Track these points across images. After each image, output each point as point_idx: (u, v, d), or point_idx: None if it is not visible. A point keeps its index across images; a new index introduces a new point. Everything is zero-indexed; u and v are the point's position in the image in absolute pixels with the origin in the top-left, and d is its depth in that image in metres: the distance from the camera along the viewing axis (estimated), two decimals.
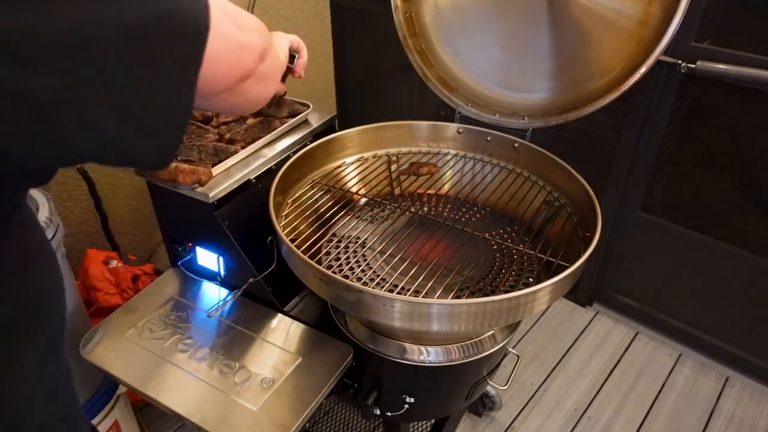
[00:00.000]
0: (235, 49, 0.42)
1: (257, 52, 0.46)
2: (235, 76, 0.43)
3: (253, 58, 0.46)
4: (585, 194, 0.96)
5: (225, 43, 0.40)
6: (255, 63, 0.46)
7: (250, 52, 0.45)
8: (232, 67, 0.42)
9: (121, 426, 1.20)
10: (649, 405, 1.51)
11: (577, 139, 1.57)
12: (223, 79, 0.42)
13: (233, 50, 0.42)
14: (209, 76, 0.39)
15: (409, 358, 0.98)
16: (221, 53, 0.40)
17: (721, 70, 1.24)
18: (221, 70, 0.41)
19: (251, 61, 0.45)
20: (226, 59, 0.41)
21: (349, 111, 2.16)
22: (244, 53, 0.44)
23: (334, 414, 1.46)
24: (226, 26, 0.40)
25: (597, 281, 1.77)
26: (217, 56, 0.39)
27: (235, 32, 0.42)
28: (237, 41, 0.42)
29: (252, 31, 0.45)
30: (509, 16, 1.14)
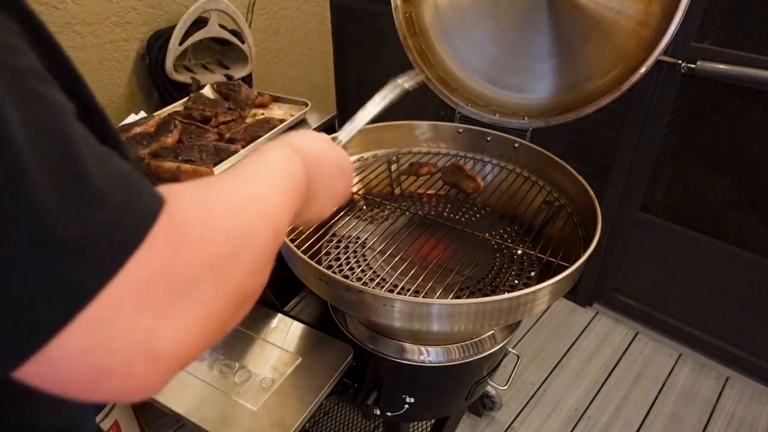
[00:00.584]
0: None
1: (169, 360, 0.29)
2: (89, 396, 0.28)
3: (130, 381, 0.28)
4: (585, 194, 0.96)
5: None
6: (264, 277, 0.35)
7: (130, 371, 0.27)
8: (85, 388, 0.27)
9: (121, 426, 1.20)
10: (649, 405, 1.51)
11: (577, 139, 1.57)
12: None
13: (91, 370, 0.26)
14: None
15: (409, 358, 0.98)
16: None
17: (721, 70, 1.24)
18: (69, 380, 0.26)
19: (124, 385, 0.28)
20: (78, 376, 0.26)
21: (349, 111, 2.16)
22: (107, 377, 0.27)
23: (334, 414, 1.46)
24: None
25: (597, 281, 1.77)
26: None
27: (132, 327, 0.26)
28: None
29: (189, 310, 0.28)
30: (509, 16, 1.14)
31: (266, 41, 1.72)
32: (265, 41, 1.72)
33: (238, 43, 1.43)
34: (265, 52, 1.73)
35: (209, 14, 1.34)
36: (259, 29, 1.67)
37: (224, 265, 0.30)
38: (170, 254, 0.27)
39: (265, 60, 1.75)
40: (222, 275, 0.30)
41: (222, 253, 0.30)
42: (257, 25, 1.65)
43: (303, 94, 1.91)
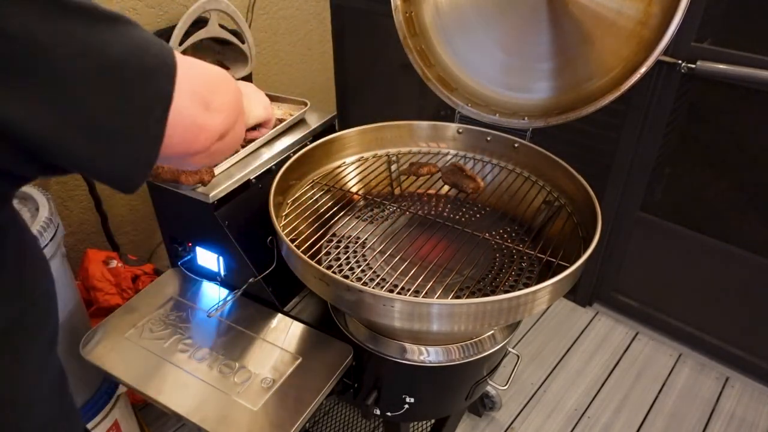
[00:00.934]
0: (193, 129, 0.44)
1: (215, 134, 0.47)
2: (185, 152, 0.45)
3: (209, 140, 0.46)
4: (585, 194, 0.96)
5: (186, 116, 0.42)
6: (209, 143, 0.47)
7: (206, 134, 0.46)
8: (185, 144, 0.44)
9: (121, 426, 1.20)
10: (649, 405, 1.51)
11: (577, 139, 1.57)
12: (172, 152, 0.43)
13: (191, 130, 0.43)
14: (164, 146, 0.41)
15: (409, 358, 0.98)
16: (179, 128, 0.42)
17: (721, 70, 1.24)
18: (173, 144, 0.42)
19: (205, 140, 0.46)
20: (180, 136, 0.42)
21: (349, 111, 2.16)
22: (200, 134, 0.45)
23: (334, 414, 1.46)
24: (187, 106, 0.42)
25: (597, 281, 1.77)
26: (175, 130, 0.41)
27: (197, 113, 0.44)
28: (196, 122, 0.44)
29: (218, 112, 0.46)
30: (509, 16, 1.14)
31: (266, 41, 1.72)
32: (265, 41, 1.72)
33: (238, 43, 1.42)
34: (265, 52, 1.73)
35: (209, 14, 1.34)
36: (259, 29, 1.67)
37: (217, 86, 0.47)
38: (196, 79, 0.45)
39: (265, 60, 1.75)
40: (217, 92, 0.47)
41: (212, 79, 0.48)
42: (257, 25, 1.65)
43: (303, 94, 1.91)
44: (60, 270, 1.02)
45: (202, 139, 0.45)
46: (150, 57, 0.38)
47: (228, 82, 0.49)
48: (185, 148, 0.44)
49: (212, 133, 0.46)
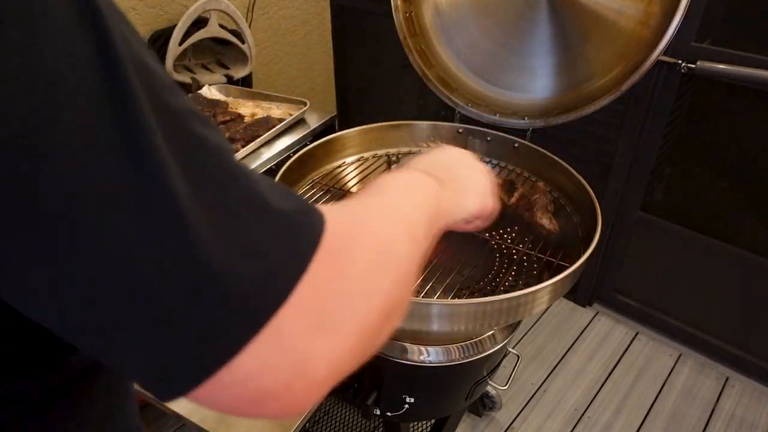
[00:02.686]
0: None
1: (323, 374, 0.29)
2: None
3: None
4: (585, 194, 0.96)
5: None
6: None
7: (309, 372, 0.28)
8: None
9: None
10: (649, 405, 1.51)
11: (577, 139, 1.57)
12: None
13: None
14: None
15: (409, 358, 0.98)
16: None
17: (721, 70, 1.24)
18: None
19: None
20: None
21: (349, 111, 2.16)
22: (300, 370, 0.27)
23: (334, 414, 1.46)
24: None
25: (597, 281, 1.77)
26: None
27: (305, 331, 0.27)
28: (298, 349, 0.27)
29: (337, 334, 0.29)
30: (509, 16, 1.14)
31: (266, 41, 1.72)
32: (265, 41, 1.72)
33: (238, 43, 1.43)
34: (265, 52, 1.73)
35: (209, 14, 1.34)
36: (259, 29, 1.67)
37: (372, 276, 0.30)
38: (329, 275, 0.28)
39: (265, 60, 1.75)
40: (371, 287, 0.30)
41: (369, 265, 0.30)
42: (257, 25, 1.65)
43: (303, 94, 1.91)
44: None
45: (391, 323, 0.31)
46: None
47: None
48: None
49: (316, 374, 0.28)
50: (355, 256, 0.30)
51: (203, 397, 0.25)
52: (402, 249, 0.35)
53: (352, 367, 0.31)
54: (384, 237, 0.34)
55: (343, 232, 0.30)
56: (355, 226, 0.32)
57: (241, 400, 0.26)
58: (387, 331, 0.33)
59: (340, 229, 0.29)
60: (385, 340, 0.34)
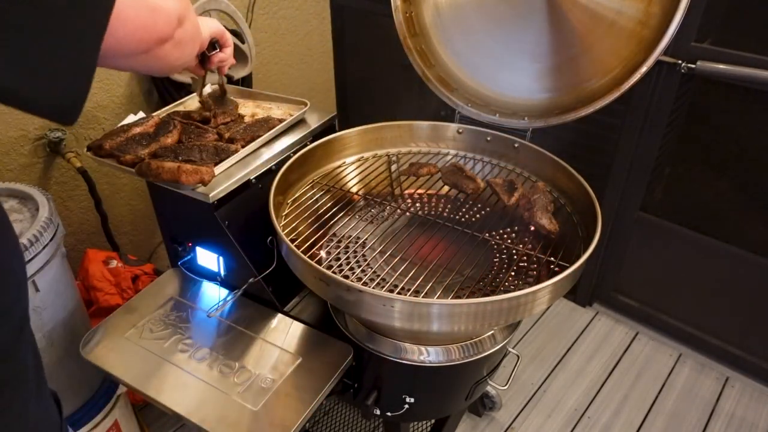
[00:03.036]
0: (147, 13, 0.44)
1: (173, 16, 0.47)
2: (150, 39, 0.45)
3: (169, 23, 0.47)
4: (585, 194, 0.96)
5: (135, 6, 0.42)
6: (171, 27, 0.47)
7: (163, 16, 0.46)
8: (146, 30, 0.44)
9: (121, 426, 1.20)
10: (649, 405, 1.51)
11: (577, 139, 1.57)
12: (136, 41, 0.43)
13: (144, 14, 0.43)
14: (121, 37, 0.41)
15: (409, 358, 0.98)
16: (131, 16, 0.42)
17: (721, 70, 1.24)
18: (133, 32, 0.43)
19: (166, 25, 0.46)
20: (138, 22, 0.43)
21: (349, 111, 2.16)
22: (157, 17, 0.45)
23: (334, 414, 1.46)
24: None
25: (597, 281, 1.77)
26: (128, 18, 0.41)
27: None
28: (148, 5, 0.44)
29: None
30: (509, 16, 1.14)
31: (266, 41, 1.72)
32: (265, 41, 1.72)
33: (238, 43, 1.42)
34: (265, 52, 1.73)
35: (209, 14, 1.34)
36: (259, 29, 1.67)
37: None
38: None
39: (265, 60, 1.75)
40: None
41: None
42: (257, 25, 1.65)
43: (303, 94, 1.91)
44: (60, 270, 1.02)
45: (161, 22, 0.45)
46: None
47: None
48: (146, 36, 0.44)
49: (169, 15, 0.46)
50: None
51: (115, 40, 0.40)
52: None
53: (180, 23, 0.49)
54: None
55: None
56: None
57: (138, 19, 0.43)
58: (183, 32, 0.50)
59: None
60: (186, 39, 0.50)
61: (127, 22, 0.41)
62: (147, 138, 0.98)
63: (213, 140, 1.03)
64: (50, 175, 1.36)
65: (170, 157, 0.94)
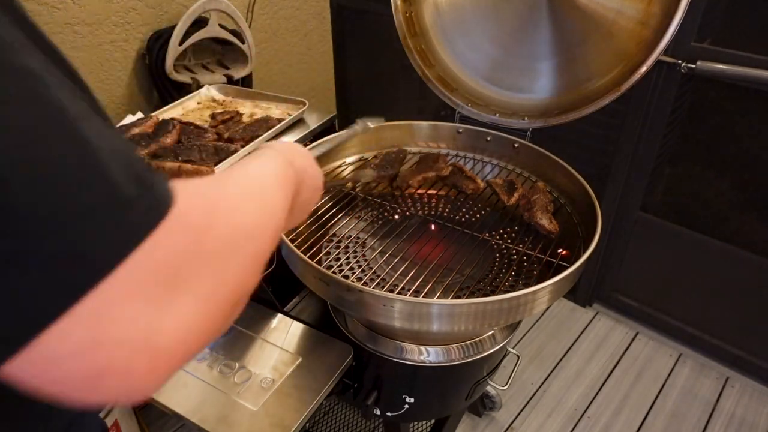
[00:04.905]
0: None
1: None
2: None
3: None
4: (585, 194, 0.96)
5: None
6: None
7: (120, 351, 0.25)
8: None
9: (121, 426, 1.20)
10: (649, 405, 1.51)
11: (577, 139, 1.57)
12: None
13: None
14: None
15: (409, 358, 0.98)
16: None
17: (721, 70, 1.24)
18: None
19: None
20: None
21: (349, 111, 2.16)
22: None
23: (334, 414, 1.46)
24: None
25: (597, 281, 1.77)
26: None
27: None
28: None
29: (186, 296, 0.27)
30: (509, 16, 1.14)
31: (266, 41, 1.72)
32: (265, 41, 1.72)
33: (238, 43, 1.43)
34: (265, 52, 1.73)
35: (209, 14, 1.34)
36: (259, 29, 1.67)
37: (227, 258, 0.29)
38: (177, 246, 0.26)
39: (265, 60, 1.75)
40: (224, 269, 0.29)
41: (226, 246, 0.29)
42: (257, 25, 1.65)
43: (303, 94, 1.91)
44: None
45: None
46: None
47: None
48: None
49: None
50: (211, 236, 0.28)
51: (25, 372, 0.23)
52: (263, 237, 0.34)
53: (198, 349, 0.28)
54: (249, 221, 0.32)
55: (203, 209, 0.29)
56: (219, 205, 0.30)
57: (71, 378, 0.23)
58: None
59: (198, 205, 0.28)
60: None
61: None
62: (146, 138, 0.98)
63: (212, 140, 1.03)
64: None
65: (170, 157, 0.94)
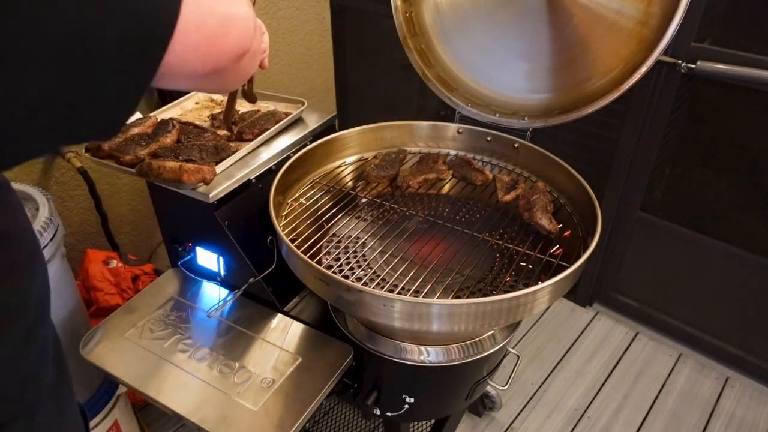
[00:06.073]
0: (219, 22, 0.38)
1: (251, 25, 0.41)
2: (225, 54, 0.39)
3: (245, 35, 0.40)
4: (585, 194, 0.96)
5: (212, 22, 0.37)
6: (249, 40, 0.41)
7: (241, 23, 0.39)
8: (214, 44, 0.38)
9: (121, 426, 1.20)
10: (649, 405, 1.51)
11: (577, 139, 1.57)
12: (200, 61, 0.37)
13: (216, 25, 0.38)
14: (207, 53, 0.37)
15: (409, 358, 0.98)
16: (209, 34, 0.37)
17: (721, 70, 1.24)
18: (197, 45, 0.37)
19: (241, 37, 0.40)
20: (203, 34, 0.37)
21: (349, 111, 2.16)
22: (232, 27, 0.39)
23: (334, 414, 1.46)
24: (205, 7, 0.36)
25: (597, 281, 1.77)
26: (208, 36, 0.36)
27: (221, 7, 0.37)
28: (220, 14, 0.37)
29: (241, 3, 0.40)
30: (509, 17, 1.14)
31: None
32: None
33: None
34: None
35: None
36: None
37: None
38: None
39: None
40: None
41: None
42: None
43: (303, 94, 1.91)
44: (60, 270, 1.02)
45: (235, 34, 0.39)
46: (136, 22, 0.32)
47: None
48: (220, 51, 0.38)
49: (246, 24, 0.40)
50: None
51: (185, 53, 0.35)
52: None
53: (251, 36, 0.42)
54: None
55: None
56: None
57: (211, 34, 0.37)
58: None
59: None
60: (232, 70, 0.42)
61: (195, 32, 0.35)
62: (146, 138, 0.98)
63: (212, 140, 1.03)
64: (50, 175, 1.36)
65: (170, 157, 0.94)
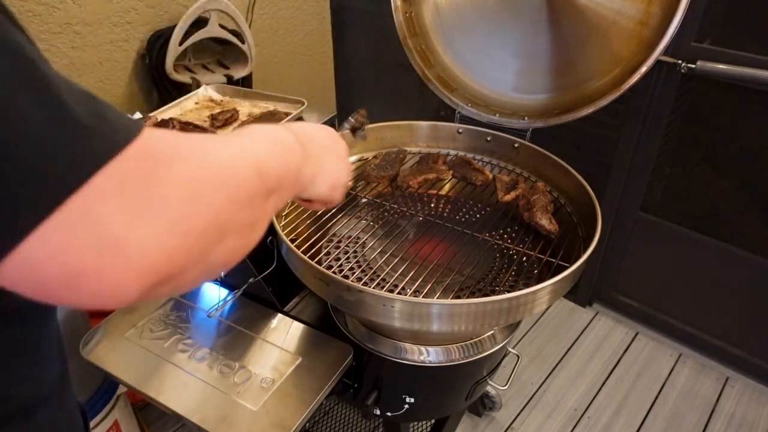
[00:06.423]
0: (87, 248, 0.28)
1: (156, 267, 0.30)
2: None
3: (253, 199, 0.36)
4: (585, 194, 0.96)
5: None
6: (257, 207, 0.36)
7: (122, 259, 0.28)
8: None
9: (121, 426, 1.20)
10: (649, 405, 1.51)
11: (577, 139, 1.57)
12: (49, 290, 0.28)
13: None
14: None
15: (409, 358, 0.98)
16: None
17: (721, 70, 1.24)
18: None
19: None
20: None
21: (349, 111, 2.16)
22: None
23: (334, 414, 1.46)
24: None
25: (597, 281, 1.77)
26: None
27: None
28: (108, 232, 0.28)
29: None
30: (509, 17, 1.14)
31: (266, 41, 1.72)
32: (265, 41, 1.72)
33: (238, 43, 1.43)
34: (265, 52, 1.73)
35: (209, 14, 1.34)
36: (259, 29, 1.67)
37: (202, 188, 0.31)
38: (138, 171, 0.29)
39: (265, 60, 1.75)
40: (192, 193, 0.31)
41: (199, 176, 0.32)
42: (257, 25, 1.65)
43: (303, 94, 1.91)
44: None
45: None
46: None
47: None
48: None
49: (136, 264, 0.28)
50: (175, 165, 0.30)
51: (12, 275, 0.26)
52: (242, 173, 0.35)
53: (175, 269, 0.30)
54: (225, 158, 0.35)
55: (169, 143, 0.31)
56: (189, 143, 0.33)
57: (51, 278, 0.27)
58: (222, 252, 0.34)
59: (164, 139, 0.31)
60: (226, 259, 0.35)
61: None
62: None
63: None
64: None
65: None
